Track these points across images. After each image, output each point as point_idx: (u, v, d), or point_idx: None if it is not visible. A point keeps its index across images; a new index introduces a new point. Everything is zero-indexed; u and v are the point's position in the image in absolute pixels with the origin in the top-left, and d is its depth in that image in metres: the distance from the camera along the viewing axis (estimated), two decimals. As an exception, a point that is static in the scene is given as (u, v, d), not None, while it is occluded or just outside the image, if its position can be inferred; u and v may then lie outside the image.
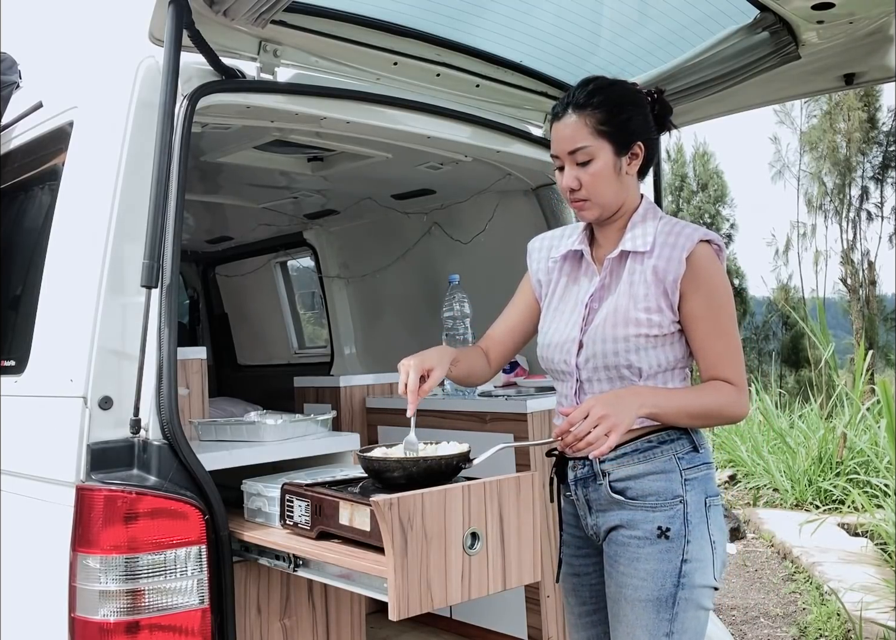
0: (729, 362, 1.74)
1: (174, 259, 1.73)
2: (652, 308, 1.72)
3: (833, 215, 16.88)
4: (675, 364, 1.76)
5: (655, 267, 1.72)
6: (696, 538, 1.72)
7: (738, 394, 1.73)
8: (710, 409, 1.72)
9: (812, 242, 17.33)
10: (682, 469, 1.74)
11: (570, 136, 1.73)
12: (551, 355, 1.84)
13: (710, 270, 1.72)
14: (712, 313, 1.72)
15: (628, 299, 1.74)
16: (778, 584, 4.99)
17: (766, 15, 2.04)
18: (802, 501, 6.63)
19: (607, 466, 1.76)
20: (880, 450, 6.54)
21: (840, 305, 16.29)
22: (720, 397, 1.72)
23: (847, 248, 16.47)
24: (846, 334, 15.10)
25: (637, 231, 1.77)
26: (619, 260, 1.79)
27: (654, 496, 1.73)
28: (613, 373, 1.74)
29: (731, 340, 1.75)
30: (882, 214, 16.54)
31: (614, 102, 1.74)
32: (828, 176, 16.70)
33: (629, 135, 1.75)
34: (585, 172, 1.73)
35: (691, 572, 1.70)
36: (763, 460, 7.43)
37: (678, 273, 1.70)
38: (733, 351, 1.75)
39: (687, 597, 1.70)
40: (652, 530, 1.71)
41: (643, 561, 1.71)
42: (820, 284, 17.78)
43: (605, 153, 1.73)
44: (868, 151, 16.18)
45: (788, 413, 8.55)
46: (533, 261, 1.97)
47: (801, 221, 17.33)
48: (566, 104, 1.76)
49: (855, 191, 16.66)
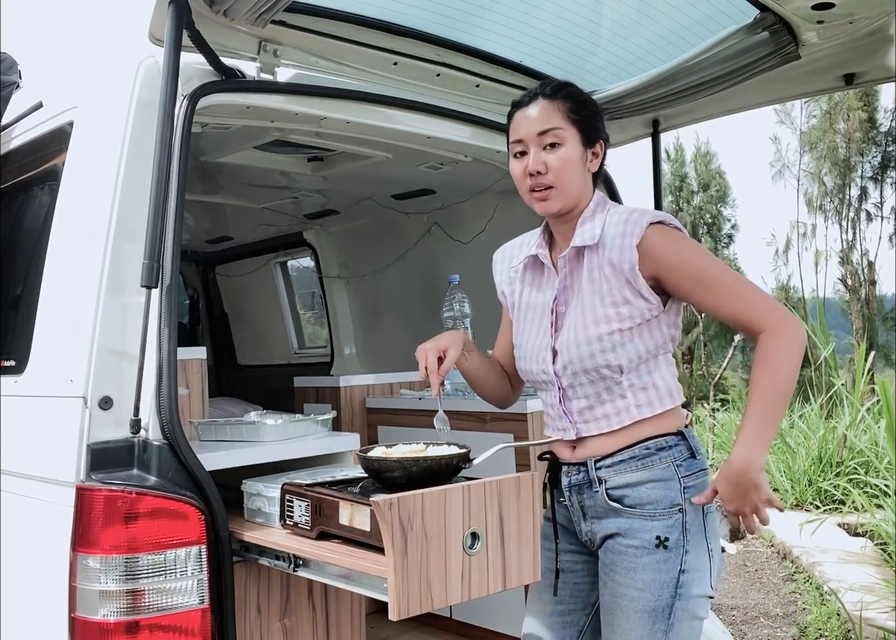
0: (745, 308, 1.64)
1: (174, 259, 1.72)
2: (618, 301, 1.68)
3: (833, 215, 16.87)
4: (655, 352, 1.72)
5: (611, 259, 1.68)
6: (695, 547, 1.70)
7: (776, 338, 1.60)
8: (779, 386, 1.61)
9: (812, 242, 17.32)
10: (680, 477, 1.71)
11: (541, 117, 1.71)
12: (529, 367, 1.82)
13: (671, 246, 1.66)
14: (697, 280, 1.66)
15: (592, 297, 1.71)
16: (778, 584, 4.99)
17: (766, 15, 2.04)
18: (802, 501, 6.63)
19: (604, 473, 1.72)
20: (880, 450, 6.54)
21: (840, 305, 16.28)
22: (771, 367, 1.60)
23: (847, 248, 16.47)
24: (846, 334, 15.09)
25: (586, 226, 1.74)
26: (575, 258, 1.76)
27: (652, 505, 1.69)
28: (594, 375, 1.70)
29: (732, 289, 1.66)
30: (882, 214, 16.53)
31: (581, 97, 1.77)
32: (827, 176, 16.70)
33: (595, 131, 1.75)
34: (554, 154, 1.70)
35: (689, 582, 1.67)
36: (763, 460, 7.42)
37: (632, 261, 1.65)
38: (741, 296, 1.65)
39: (683, 608, 1.67)
40: (650, 540, 1.67)
41: (640, 571, 1.67)
42: (820, 284, 17.74)
43: (575, 140, 1.72)
44: (867, 151, 16.18)
45: (788, 413, 8.55)
46: (496, 273, 1.95)
47: (801, 221, 17.33)
48: (533, 95, 1.75)
49: (854, 191, 16.66)
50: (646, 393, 1.72)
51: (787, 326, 1.62)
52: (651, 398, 1.72)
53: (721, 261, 1.70)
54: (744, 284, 1.68)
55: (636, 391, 1.71)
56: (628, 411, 1.71)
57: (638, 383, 1.71)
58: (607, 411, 1.72)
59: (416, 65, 2.25)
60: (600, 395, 1.72)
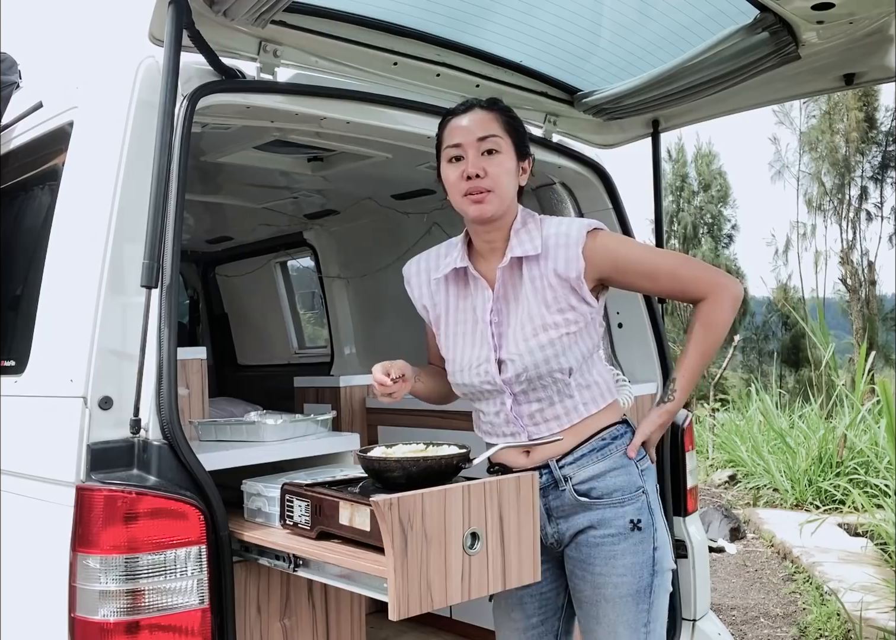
0: (683, 286, 1.80)
1: (174, 259, 1.72)
2: (564, 308, 1.76)
3: (832, 215, 16.88)
4: (593, 350, 1.82)
5: (556, 269, 1.76)
6: (660, 524, 1.81)
7: (711, 304, 1.78)
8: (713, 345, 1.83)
9: (812, 243, 17.33)
10: (636, 461, 1.82)
11: (480, 124, 1.77)
12: (468, 380, 1.84)
13: (611, 249, 1.78)
14: (640, 273, 1.80)
15: (538, 305, 1.77)
16: (778, 584, 4.99)
17: (766, 15, 2.04)
18: (802, 501, 6.63)
19: (567, 470, 1.80)
20: (880, 450, 6.54)
21: (840, 305, 16.29)
22: (710, 330, 1.80)
23: (846, 248, 16.47)
24: (846, 334, 15.11)
25: (523, 237, 1.80)
26: (511, 269, 1.81)
27: (619, 492, 1.78)
28: (548, 380, 1.77)
29: (671, 272, 1.79)
30: (882, 214, 16.55)
31: (515, 116, 1.84)
32: (827, 176, 16.70)
33: (525, 147, 1.83)
34: (491, 161, 1.76)
35: (661, 558, 1.78)
36: (763, 460, 7.43)
37: (579, 269, 1.75)
38: (679, 277, 1.79)
39: (659, 583, 1.78)
40: (625, 525, 1.76)
41: (620, 557, 1.75)
42: (820, 284, 17.77)
43: (510, 151, 1.79)
44: (867, 151, 16.19)
45: (788, 413, 8.55)
46: (413, 288, 1.97)
47: (800, 221, 17.34)
48: (469, 105, 1.80)
49: (854, 191, 16.67)
50: (590, 390, 1.81)
51: (720, 292, 1.78)
52: (595, 395, 1.82)
53: (651, 246, 1.92)
54: (679, 263, 1.84)
55: (581, 390, 1.80)
56: (577, 410, 1.80)
57: (583, 381, 1.81)
58: (557, 412, 1.80)
59: (416, 65, 2.25)
60: (552, 397, 1.79)
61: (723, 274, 1.84)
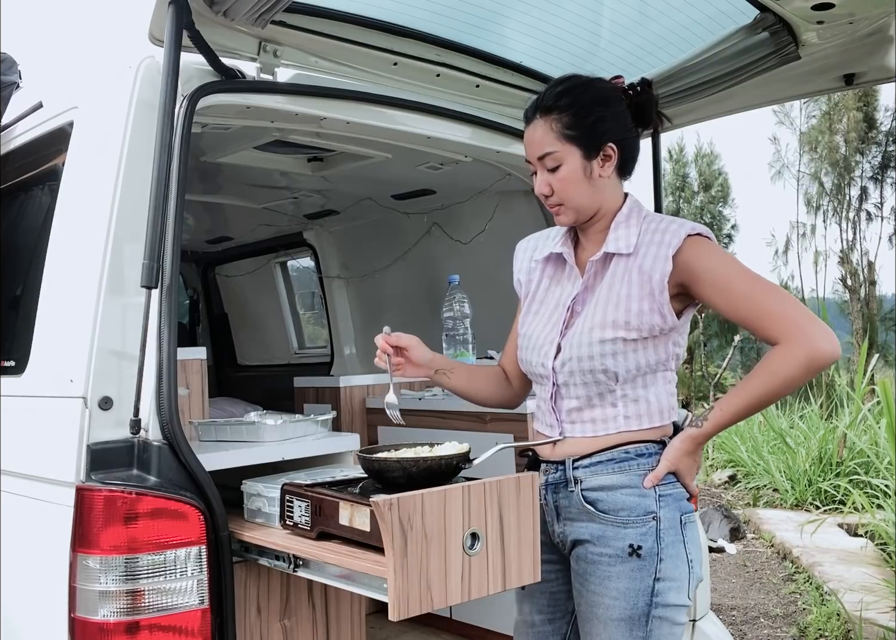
0: (763, 313, 1.62)
1: (174, 259, 1.72)
2: (633, 310, 1.67)
3: (832, 215, 16.88)
4: (655, 368, 1.72)
5: (641, 266, 1.68)
6: (672, 556, 1.68)
7: (783, 352, 1.58)
8: (763, 397, 1.64)
9: (812, 243, 17.33)
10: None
11: (537, 141, 1.73)
12: (529, 357, 1.82)
13: (706, 260, 1.66)
14: (725, 293, 1.65)
15: (608, 302, 1.71)
16: (778, 584, 4.99)
17: (766, 15, 2.04)
18: (802, 501, 6.64)
19: (581, 473, 1.73)
20: (880, 450, 6.54)
21: (840, 305, 16.28)
22: (766, 378, 1.61)
23: (846, 248, 16.47)
24: (846, 334, 15.09)
25: (621, 232, 1.74)
26: (603, 262, 1.76)
27: (625, 512, 1.68)
28: (589, 377, 1.71)
29: (758, 300, 1.62)
30: (881, 214, 16.54)
31: (582, 104, 1.72)
32: (827, 176, 16.70)
33: (599, 137, 1.71)
34: (555, 177, 1.72)
35: (665, 590, 1.66)
36: (763, 461, 7.43)
37: (664, 271, 1.65)
38: (756, 296, 1.63)
39: (661, 616, 1.66)
40: (623, 548, 1.67)
41: (615, 579, 1.67)
42: (820, 284, 17.77)
43: (574, 158, 1.71)
44: (867, 151, 16.18)
45: (788, 413, 8.56)
46: (517, 261, 1.96)
47: (800, 221, 17.34)
48: (535, 107, 1.75)
49: (854, 191, 16.67)
50: (636, 406, 1.72)
51: (799, 341, 1.58)
52: (641, 412, 1.72)
53: (753, 272, 1.66)
54: (762, 289, 1.65)
55: (627, 402, 1.72)
56: (615, 420, 1.72)
57: (631, 394, 1.71)
58: (595, 415, 1.73)
59: (416, 65, 2.25)
60: (591, 399, 1.73)
61: (815, 323, 1.59)
